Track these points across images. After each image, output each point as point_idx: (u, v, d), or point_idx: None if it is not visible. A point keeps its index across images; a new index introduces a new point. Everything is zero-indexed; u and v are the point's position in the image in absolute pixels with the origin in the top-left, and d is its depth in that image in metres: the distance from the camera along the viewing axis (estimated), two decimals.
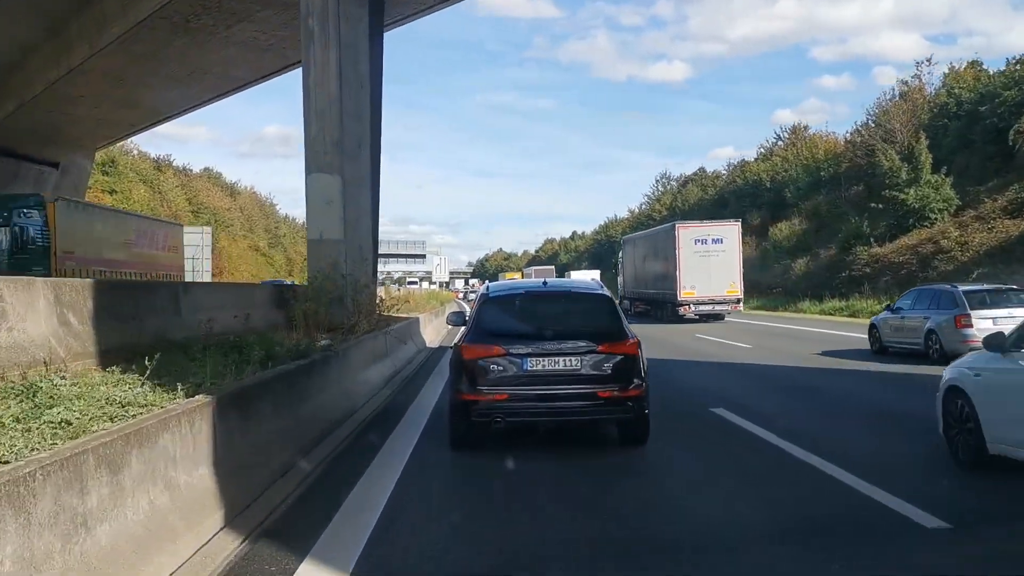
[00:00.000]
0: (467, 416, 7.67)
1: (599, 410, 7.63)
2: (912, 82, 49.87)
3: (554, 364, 7.53)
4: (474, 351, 7.66)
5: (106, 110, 29.80)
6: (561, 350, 7.56)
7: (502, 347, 7.58)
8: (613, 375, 7.57)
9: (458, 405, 7.77)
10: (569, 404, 7.58)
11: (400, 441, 8.77)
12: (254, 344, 8.89)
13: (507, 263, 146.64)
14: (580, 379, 7.54)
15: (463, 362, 7.69)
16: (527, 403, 7.57)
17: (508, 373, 7.54)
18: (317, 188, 15.10)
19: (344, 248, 15.08)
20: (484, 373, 7.56)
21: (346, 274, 14.86)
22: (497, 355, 7.56)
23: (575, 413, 7.68)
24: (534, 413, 7.68)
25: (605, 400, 7.51)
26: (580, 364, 7.54)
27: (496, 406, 7.49)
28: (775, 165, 63.08)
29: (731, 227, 31.62)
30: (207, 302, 11.07)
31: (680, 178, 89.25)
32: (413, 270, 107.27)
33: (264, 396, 6.84)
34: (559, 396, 7.54)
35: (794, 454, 7.65)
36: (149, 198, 62.37)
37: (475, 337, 7.84)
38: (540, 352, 7.54)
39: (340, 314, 14.76)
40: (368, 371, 12.51)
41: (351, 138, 15.28)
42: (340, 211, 14.96)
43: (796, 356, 17.46)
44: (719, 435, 8.94)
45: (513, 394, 7.51)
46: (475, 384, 7.57)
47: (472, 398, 7.57)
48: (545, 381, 7.52)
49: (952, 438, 7.14)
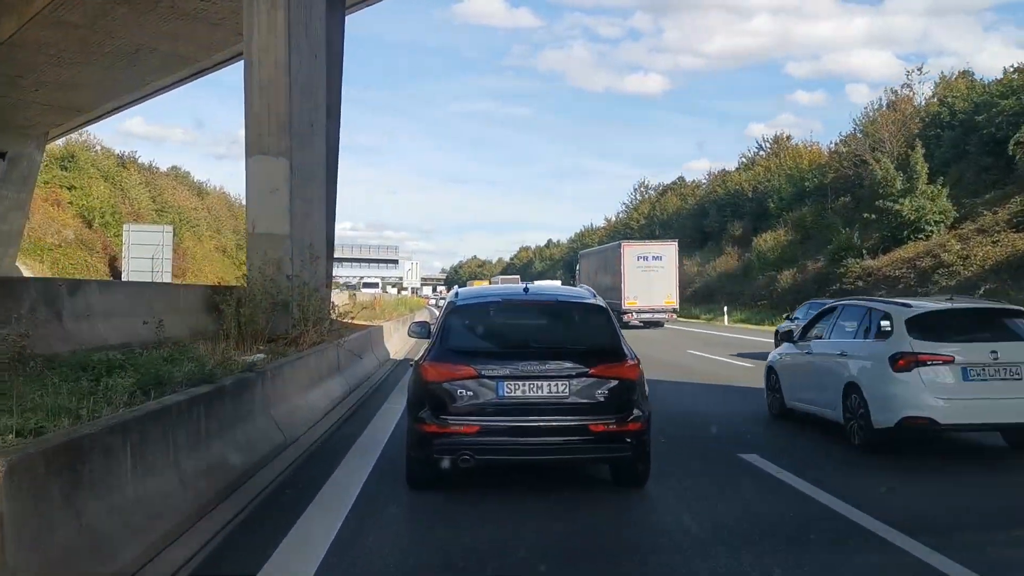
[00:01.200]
0: (428, 451, 6.33)
1: (591, 448, 6.34)
2: (902, 92, 48.63)
3: (536, 390, 6.23)
4: (438, 371, 6.35)
5: (49, 93, 27.41)
6: (545, 372, 6.26)
7: (473, 367, 6.27)
8: (608, 404, 6.27)
9: (418, 438, 6.41)
10: (554, 440, 6.26)
11: (342, 485, 6.82)
12: (147, 362, 6.70)
13: (481, 270, 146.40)
14: (568, 409, 6.25)
15: (425, 385, 6.38)
16: (502, 437, 6.23)
17: (480, 400, 6.24)
18: (259, 173, 12.88)
19: (290, 245, 12.89)
20: (450, 399, 6.25)
21: (292, 275, 12.69)
22: (466, 377, 6.25)
23: (561, 451, 6.33)
24: (510, 450, 6.28)
25: (598, 435, 6.21)
26: (568, 390, 6.25)
27: (464, 440, 6.17)
28: (757, 175, 62.07)
29: (669, 246, 36.47)
30: (103, 306, 8.87)
31: (659, 187, 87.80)
32: (386, 275, 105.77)
33: (119, 448, 4.65)
34: (542, 429, 6.23)
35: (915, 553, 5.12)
36: (110, 195, 59.75)
37: (440, 354, 6.52)
38: (519, 374, 6.25)
39: (284, 322, 12.59)
40: (312, 392, 10.33)
41: (302, 117, 13.08)
42: (286, 201, 12.76)
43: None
44: (771, 505, 6.46)
45: (485, 426, 6.19)
46: (439, 412, 6.24)
47: (435, 430, 6.23)
48: (525, 411, 6.22)
49: (769, 399, 10.94)
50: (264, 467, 7.23)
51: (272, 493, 6.57)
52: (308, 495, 6.43)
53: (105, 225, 55.58)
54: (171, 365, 7.02)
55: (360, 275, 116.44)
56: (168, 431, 5.40)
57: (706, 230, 64.92)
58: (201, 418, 6.06)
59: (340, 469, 7.46)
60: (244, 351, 10.74)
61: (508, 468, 6.85)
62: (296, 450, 8.29)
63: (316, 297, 12.80)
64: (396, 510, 6.29)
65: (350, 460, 7.94)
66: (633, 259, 34.44)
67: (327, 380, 11.56)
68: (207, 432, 6.16)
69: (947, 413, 7.76)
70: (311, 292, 12.79)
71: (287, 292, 12.67)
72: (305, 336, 12.36)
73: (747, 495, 6.75)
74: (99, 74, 24.76)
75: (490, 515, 6.18)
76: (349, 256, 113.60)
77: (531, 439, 6.24)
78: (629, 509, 6.48)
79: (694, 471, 7.53)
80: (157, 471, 5.17)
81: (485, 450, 6.20)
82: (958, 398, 7.81)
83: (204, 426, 6.11)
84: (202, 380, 6.60)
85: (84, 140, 61.81)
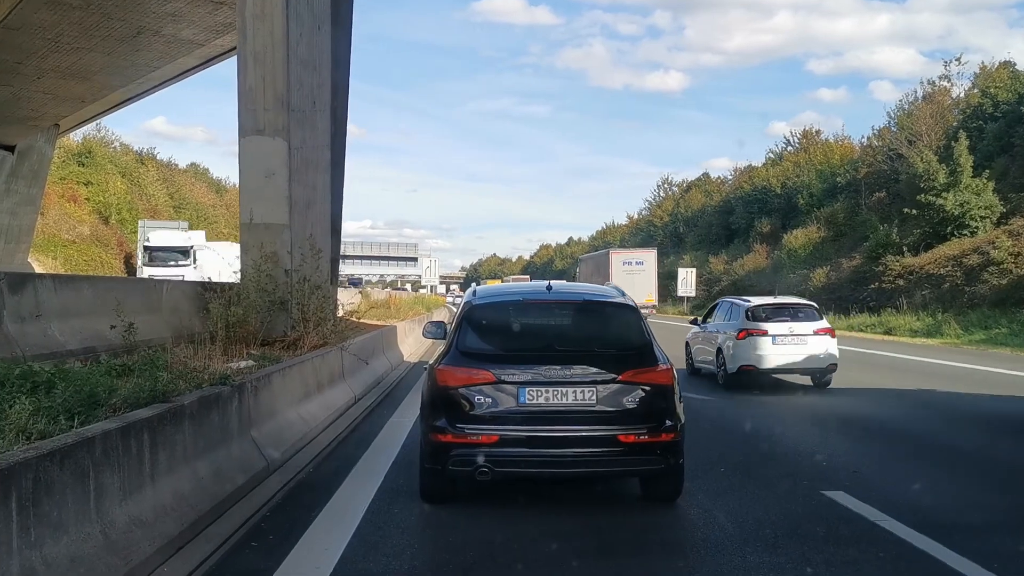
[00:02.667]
0: (443, 463, 5.85)
1: (620, 460, 5.87)
2: (940, 83, 46.71)
3: (560, 397, 5.81)
4: (454, 376, 5.91)
5: (52, 82, 26.29)
6: (570, 378, 5.83)
7: (491, 372, 5.83)
8: (639, 413, 5.84)
9: (432, 448, 5.93)
10: (579, 451, 5.80)
11: (328, 532, 5.40)
12: (85, 377, 5.33)
13: (501, 268, 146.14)
14: (595, 418, 5.82)
15: (440, 390, 5.94)
16: (523, 448, 5.77)
17: (499, 407, 5.80)
18: (253, 155, 11.51)
19: (289, 237, 11.52)
20: (467, 406, 5.81)
21: (291, 271, 11.34)
22: (484, 382, 5.81)
23: (588, 464, 5.87)
24: (532, 462, 5.81)
25: (628, 447, 5.77)
26: (595, 397, 5.81)
27: (482, 451, 5.72)
28: (786, 170, 60.37)
29: (650, 253, 41.98)
30: (59, 305, 7.51)
31: (682, 184, 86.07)
32: (405, 273, 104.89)
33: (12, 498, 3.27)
34: (566, 440, 5.80)
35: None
36: (127, 191, 59.04)
37: (456, 357, 6.06)
38: (542, 380, 5.81)
39: (282, 323, 11.25)
40: (308, 404, 8.97)
41: (303, 93, 11.69)
42: (284, 188, 11.39)
43: (880, 390, 13.86)
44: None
45: (505, 436, 5.73)
46: (455, 421, 5.80)
47: (450, 439, 5.79)
48: (548, 419, 5.81)
49: (686, 364, 15.63)
50: (235, 504, 5.86)
51: (236, 546, 5.17)
52: (282, 549, 5.04)
53: (122, 221, 55.04)
54: (120, 379, 5.65)
55: (379, 273, 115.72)
56: (86, 473, 4.03)
57: (732, 227, 63.30)
58: (144, 450, 4.68)
59: (329, 507, 6.08)
60: (233, 356, 9.41)
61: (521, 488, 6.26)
62: (281, 477, 6.92)
63: (319, 295, 11.42)
64: (398, 565, 4.90)
65: (345, 492, 6.57)
66: (619, 264, 39.64)
67: (328, 389, 10.21)
68: (153, 469, 4.78)
69: (764, 363, 13.14)
70: (313, 289, 11.42)
71: (285, 289, 11.34)
72: (305, 338, 11.00)
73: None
74: (101, 60, 23.59)
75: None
76: (367, 254, 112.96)
77: (555, 450, 5.78)
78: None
79: (771, 521, 6.04)
80: (65, 529, 3.79)
81: (505, 462, 5.74)
82: (770, 355, 13.12)
83: (149, 461, 4.74)
84: (153, 399, 5.22)
85: (103, 136, 61.35)
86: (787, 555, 5.02)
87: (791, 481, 7.05)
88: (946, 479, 7.43)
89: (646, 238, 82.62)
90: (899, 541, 5.30)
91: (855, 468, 7.59)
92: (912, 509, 6.05)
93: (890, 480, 7.22)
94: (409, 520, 5.87)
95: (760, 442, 9.16)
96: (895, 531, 5.48)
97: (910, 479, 7.23)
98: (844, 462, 7.92)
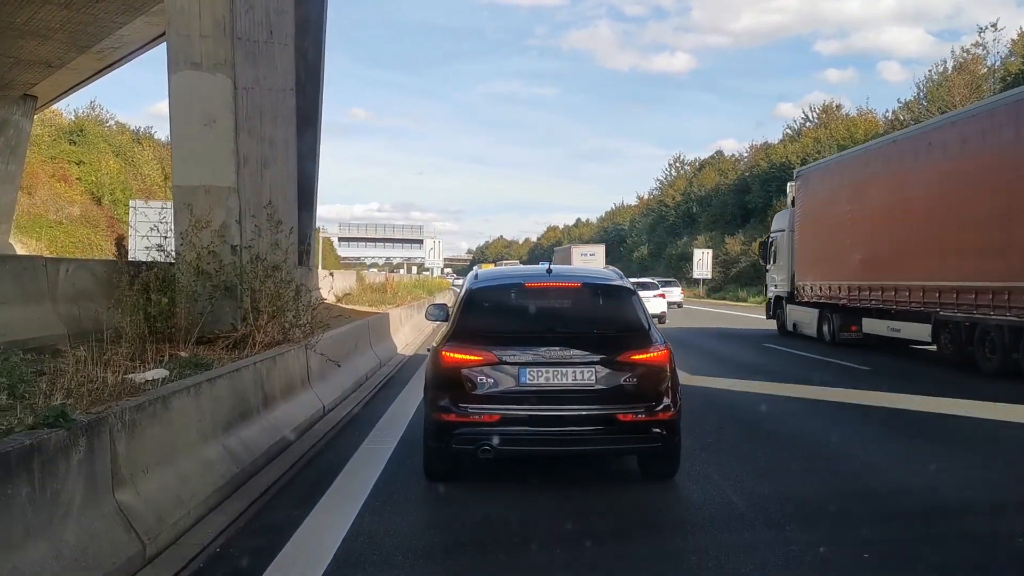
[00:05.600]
0: (446, 442, 5.99)
1: (618, 439, 6.05)
2: (975, 51, 43.92)
3: (560, 377, 5.91)
4: (456, 357, 6.00)
5: (9, 43, 23.78)
6: (570, 359, 5.94)
7: (493, 353, 5.93)
8: (637, 392, 5.96)
9: (436, 427, 6.06)
10: (579, 430, 5.95)
11: None
12: None
13: (507, 250, 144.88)
14: (594, 397, 5.92)
15: (442, 371, 6.05)
16: (524, 427, 5.92)
17: (500, 387, 5.92)
18: (188, 96, 8.88)
19: (238, 204, 8.97)
20: (469, 386, 5.92)
21: (239, 247, 8.83)
22: (486, 363, 5.93)
23: (587, 442, 6.04)
24: (533, 440, 5.99)
25: (626, 425, 5.90)
26: (594, 377, 5.93)
27: (484, 430, 5.85)
28: (806, 146, 57.93)
29: (599, 247, 61.17)
30: None
31: (695, 163, 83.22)
32: (411, 256, 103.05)
33: None
34: (566, 419, 5.92)
35: None
36: (120, 171, 56.76)
37: (459, 339, 6.14)
38: (542, 360, 5.92)
39: (229, 314, 8.74)
40: (241, 430, 6.47)
41: (254, 19, 9.04)
42: (230, 140, 8.79)
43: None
44: None
45: (506, 415, 5.87)
46: (457, 400, 5.92)
47: (453, 419, 5.90)
48: (548, 399, 5.90)
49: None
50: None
51: None
52: None
53: (115, 202, 52.90)
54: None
55: (386, 256, 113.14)
56: None
57: (749, 206, 60.66)
58: None
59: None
60: (147, 362, 6.90)
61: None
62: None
63: (276, 278, 8.88)
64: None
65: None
66: (578, 255, 56.03)
67: (283, 402, 7.70)
68: None
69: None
70: (269, 271, 8.88)
71: (232, 271, 8.80)
72: (257, 334, 8.48)
73: None
74: (59, 13, 21.11)
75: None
76: (371, 236, 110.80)
77: (555, 429, 5.97)
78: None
79: None
80: None
81: (506, 440, 5.91)
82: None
83: None
84: None
85: (97, 115, 59.02)
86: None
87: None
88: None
89: (657, 219, 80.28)
90: None
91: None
92: None
93: None
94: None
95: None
96: None
97: None
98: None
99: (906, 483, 6.61)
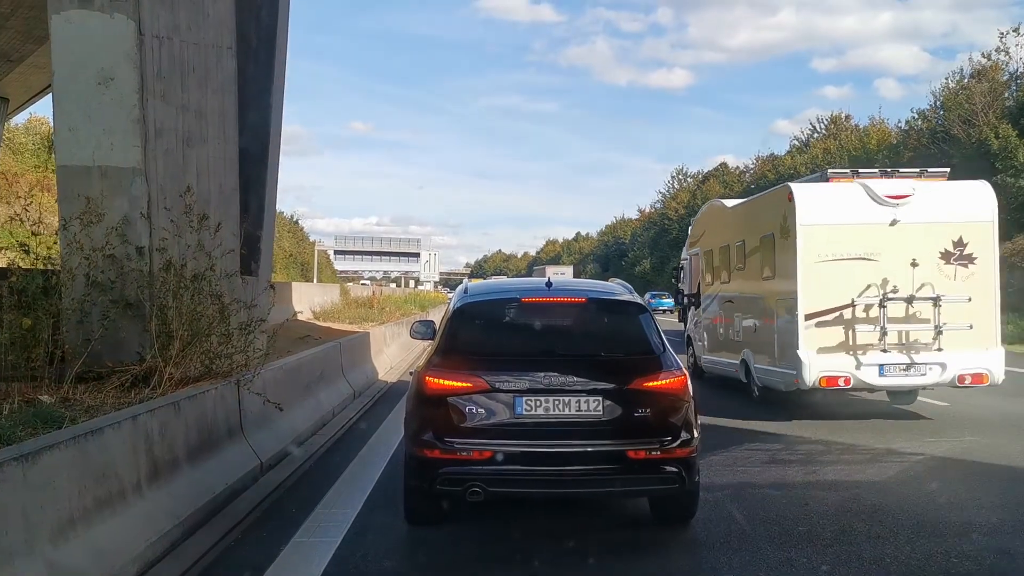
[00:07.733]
0: (430, 481, 5.20)
1: (629, 479, 5.28)
2: (997, 56, 41.83)
3: (562, 407, 5.19)
4: (442, 383, 5.24)
5: None
6: (573, 386, 5.21)
7: (484, 378, 5.19)
8: (650, 425, 5.24)
9: (418, 464, 5.29)
10: (583, 468, 5.21)
11: None
12: None
13: (506, 264, 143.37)
14: (600, 430, 5.20)
15: (426, 399, 5.30)
16: (520, 465, 5.16)
17: (492, 419, 5.19)
18: (74, 43, 6.53)
19: (145, 191, 6.66)
20: (457, 417, 5.18)
21: (148, 249, 6.56)
22: (476, 390, 5.18)
23: (592, 483, 5.30)
24: (530, 481, 5.22)
25: (638, 464, 5.17)
26: (601, 407, 5.20)
27: (473, 468, 5.11)
28: (814, 157, 56.22)
29: (568, 268, 79.23)
30: None
31: (698, 175, 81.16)
32: (409, 270, 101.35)
33: None
34: (569, 456, 5.19)
35: None
36: None
37: (445, 362, 5.40)
38: (541, 388, 5.19)
39: (130, 339, 6.46)
40: (57, 550, 4.16)
41: None
42: (134, 104, 6.48)
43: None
44: None
45: (499, 451, 5.12)
46: (443, 434, 5.15)
47: (438, 455, 5.14)
48: (548, 433, 5.20)
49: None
50: None
51: None
52: None
53: None
54: None
55: (383, 269, 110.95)
56: None
57: None
58: None
59: None
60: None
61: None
62: None
63: (196, 291, 6.58)
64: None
65: None
66: (551, 274, 70.37)
67: (175, 475, 5.37)
68: None
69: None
70: (188, 283, 6.58)
71: (137, 282, 6.50)
72: (165, 367, 6.16)
73: None
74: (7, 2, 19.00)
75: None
76: (368, 249, 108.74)
77: (555, 468, 5.21)
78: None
79: None
80: None
81: (499, 481, 5.18)
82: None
83: None
84: None
85: None
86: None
87: None
88: None
89: (660, 232, 78.15)
90: None
91: None
92: None
93: None
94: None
95: None
96: None
97: None
98: None
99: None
